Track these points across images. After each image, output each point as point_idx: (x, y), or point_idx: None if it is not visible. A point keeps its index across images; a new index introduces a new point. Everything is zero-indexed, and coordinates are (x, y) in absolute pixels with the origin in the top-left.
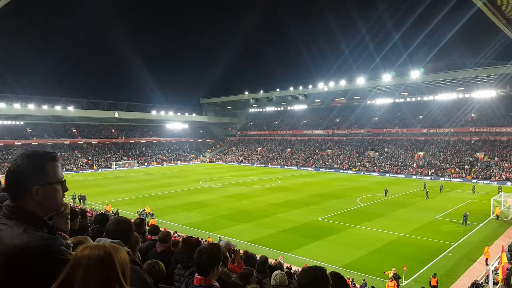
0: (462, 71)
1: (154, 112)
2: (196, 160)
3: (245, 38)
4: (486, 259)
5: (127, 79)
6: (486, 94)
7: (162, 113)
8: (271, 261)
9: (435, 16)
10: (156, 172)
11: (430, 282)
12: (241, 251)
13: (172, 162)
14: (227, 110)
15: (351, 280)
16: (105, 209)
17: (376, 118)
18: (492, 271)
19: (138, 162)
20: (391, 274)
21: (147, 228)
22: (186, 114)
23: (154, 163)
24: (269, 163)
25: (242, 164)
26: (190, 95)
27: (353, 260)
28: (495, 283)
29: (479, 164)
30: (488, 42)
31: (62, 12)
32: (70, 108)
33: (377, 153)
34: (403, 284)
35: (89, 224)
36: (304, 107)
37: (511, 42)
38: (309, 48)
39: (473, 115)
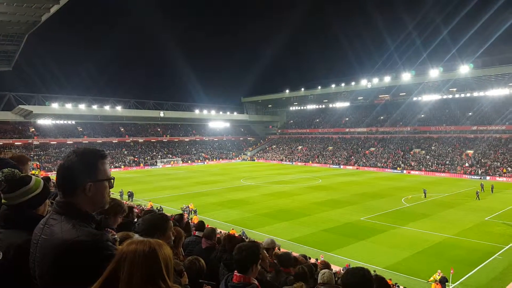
0: None
1: (197, 111)
2: (237, 158)
3: (287, 35)
4: None
5: (172, 79)
6: None
7: (205, 112)
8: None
9: (486, 11)
10: (199, 169)
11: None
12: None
13: (214, 160)
14: (267, 109)
15: (395, 283)
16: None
17: (422, 115)
18: None
19: (182, 160)
20: (437, 277)
21: (192, 224)
22: (228, 113)
23: (198, 160)
24: (310, 162)
25: (282, 162)
26: (231, 94)
27: (397, 262)
28: None
29: None
30: None
31: (112, 12)
32: (118, 108)
33: (423, 152)
34: (451, 287)
35: (135, 220)
36: (346, 104)
37: None
38: (352, 45)
39: None
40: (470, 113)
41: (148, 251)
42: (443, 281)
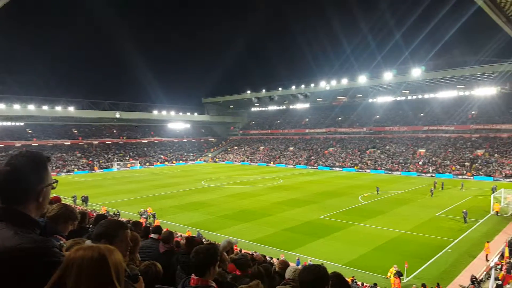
0: (463, 69)
1: (155, 112)
2: (198, 160)
3: (247, 37)
4: (487, 255)
5: (128, 79)
6: (486, 91)
7: (164, 112)
8: (275, 260)
9: (436, 14)
10: (158, 172)
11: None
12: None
13: (174, 162)
14: (229, 109)
15: (353, 278)
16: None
17: (377, 116)
18: (493, 267)
19: (139, 163)
20: (394, 271)
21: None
22: (188, 114)
23: (156, 163)
24: (272, 162)
25: (244, 163)
26: (192, 94)
27: (355, 258)
28: (496, 279)
29: (479, 161)
30: (489, 40)
31: (63, 11)
32: (71, 109)
33: (378, 151)
34: (405, 280)
35: (88, 226)
36: (306, 105)
37: (511, 40)
38: (311, 47)
39: (473, 112)
40: (422, 114)
41: (96, 257)
42: (398, 275)
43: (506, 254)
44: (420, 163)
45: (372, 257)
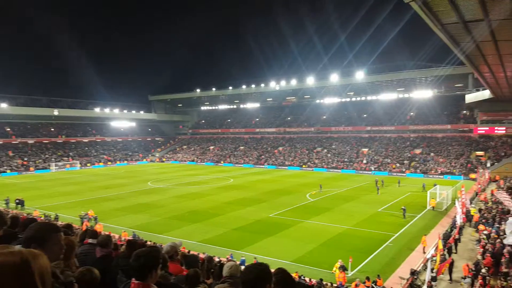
0: (402, 72)
1: (98, 110)
2: (144, 160)
3: (197, 36)
4: (424, 248)
5: (70, 76)
6: (423, 94)
7: (107, 110)
8: (223, 260)
9: (377, 19)
10: (100, 173)
11: (376, 283)
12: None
13: (118, 162)
14: (178, 108)
15: (300, 275)
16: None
17: (324, 117)
18: (429, 259)
19: (80, 163)
20: (338, 266)
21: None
22: (134, 112)
23: (98, 163)
24: (222, 162)
25: (194, 163)
26: (138, 92)
27: (303, 254)
28: (432, 270)
29: (417, 159)
30: (426, 45)
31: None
32: (3, 105)
33: (325, 150)
34: (349, 274)
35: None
36: (256, 105)
37: (446, 45)
38: (261, 47)
39: (411, 113)
40: (365, 115)
41: (19, 263)
42: (343, 269)
43: (440, 246)
44: (364, 161)
45: (318, 253)
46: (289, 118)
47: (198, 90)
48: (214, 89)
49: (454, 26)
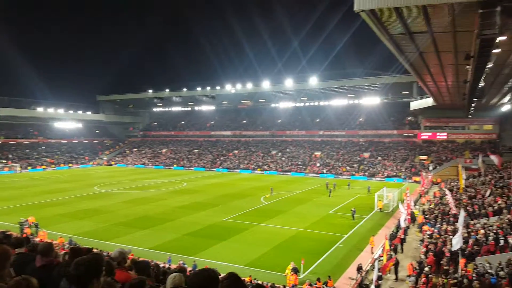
0: (352, 79)
1: (40, 109)
2: (91, 163)
3: (148, 36)
4: (372, 248)
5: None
6: (372, 100)
7: (51, 110)
8: (173, 266)
9: (328, 27)
10: (43, 177)
11: (327, 284)
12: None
13: (62, 165)
14: (128, 109)
15: (254, 278)
16: None
17: (280, 121)
18: (377, 259)
19: (20, 166)
20: (291, 268)
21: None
22: (80, 112)
23: (40, 166)
24: (175, 165)
25: (145, 166)
26: (85, 91)
27: (256, 258)
28: (379, 270)
29: (365, 163)
30: (375, 53)
31: None
32: None
33: (280, 154)
34: (301, 276)
35: None
36: (212, 108)
37: (393, 54)
38: (216, 50)
39: (361, 119)
40: (318, 120)
41: None
42: (295, 271)
43: (387, 246)
44: (318, 164)
45: (272, 256)
46: (244, 122)
47: (150, 91)
48: (167, 90)
49: (400, 36)
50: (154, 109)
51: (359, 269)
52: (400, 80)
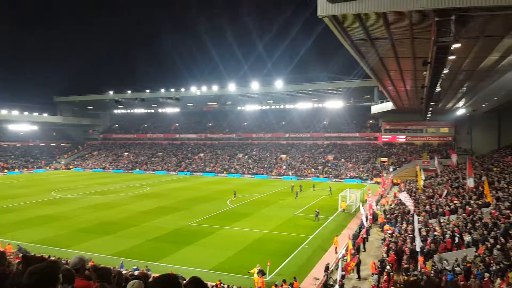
0: (316, 83)
1: None
2: (48, 167)
3: (110, 37)
4: (336, 248)
5: None
6: (335, 104)
7: (4, 112)
8: (137, 272)
9: (293, 31)
10: None
11: (292, 285)
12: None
13: (16, 169)
14: (87, 111)
15: (220, 282)
16: None
17: (246, 123)
18: (341, 258)
19: None
20: (257, 271)
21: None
22: (36, 114)
23: None
24: (138, 169)
25: (105, 170)
26: (41, 92)
27: (222, 261)
28: (342, 269)
29: (329, 165)
30: (337, 58)
31: None
32: None
33: (246, 156)
34: (267, 278)
35: None
36: (176, 110)
37: (355, 59)
38: (180, 52)
39: (325, 122)
40: (283, 123)
41: None
42: (261, 273)
43: (350, 246)
44: (284, 167)
45: (238, 259)
46: (210, 124)
47: (111, 92)
48: (129, 91)
49: (362, 42)
50: (115, 111)
51: (327, 269)
52: (362, 85)
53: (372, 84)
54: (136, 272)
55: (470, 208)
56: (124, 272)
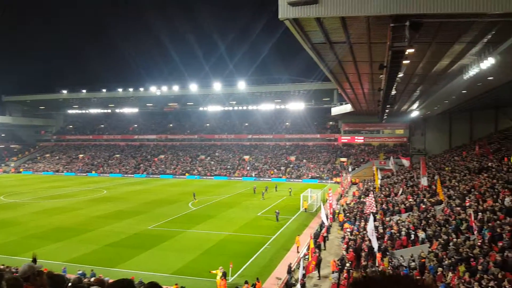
0: (278, 85)
1: None
2: None
3: (63, 36)
4: (297, 247)
5: None
6: (297, 106)
7: None
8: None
9: (255, 33)
10: None
11: (255, 286)
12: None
13: None
14: (39, 111)
15: (181, 286)
16: None
17: (208, 125)
18: (302, 257)
19: None
20: (220, 273)
21: None
22: None
23: None
24: (94, 171)
25: (59, 173)
26: None
27: (184, 265)
28: (304, 268)
29: (292, 166)
30: (299, 60)
31: None
32: None
33: (208, 158)
34: (230, 280)
35: None
36: (135, 110)
37: (315, 62)
38: (138, 52)
39: (287, 123)
40: (246, 124)
41: None
42: (223, 276)
43: (311, 245)
44: (248, 168)
45: (200, 262)
46: (171, 125)
47: (64, 91)
48: (84, 91)
49: (321, 45)
50: (70, 111)
51: (289, 268)
52: (322, 87)
53: (332, 87)
54: (92, 279)
55: (424, 206)
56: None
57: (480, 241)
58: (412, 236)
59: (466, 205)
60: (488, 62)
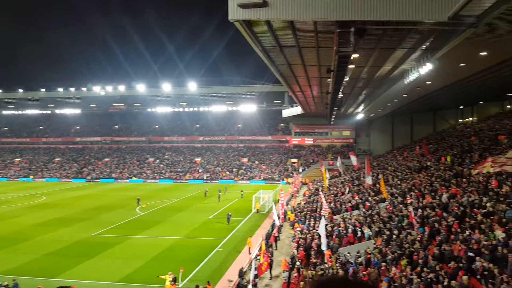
0: (229, 87)
1: None
2: None
3: None
4: (249, 249)
5: None
6: (249, 108)
7: None
8: None
9: (205, 33)
10: None
11: None
12: None
13: None
14: None
15: None
16: None
17: (157, 126)
18: (254, 259)
19: None
20: (170, 279)
21: None
22: None
23: None
24: (31, 176)
25: None
26: None
27: (131, 272)
28: (255, 269)
29: (244, 167)
30: (250, 62)
31: None
32: None
33: (158, 160)
34: (180, 285)
35: None
36: (77, 111)
37: (266, 64)
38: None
39: (239, 125)
40: (198, 125)
41: None
42: (173, 281)
43: (263, 246)
44: (200, 170)
45: (149, 269)
46: (117, 127)
47: None
48: (21, 90)
49: (272, 48)
50: (4, 112)
51: (241, 271)
52: (273, 90)
53: (283, 89)
54: None
55: (369, 204)
56: None
57: (419, 236)
58: (359, 233)
59: (407, 202)
60: (427, 68)
